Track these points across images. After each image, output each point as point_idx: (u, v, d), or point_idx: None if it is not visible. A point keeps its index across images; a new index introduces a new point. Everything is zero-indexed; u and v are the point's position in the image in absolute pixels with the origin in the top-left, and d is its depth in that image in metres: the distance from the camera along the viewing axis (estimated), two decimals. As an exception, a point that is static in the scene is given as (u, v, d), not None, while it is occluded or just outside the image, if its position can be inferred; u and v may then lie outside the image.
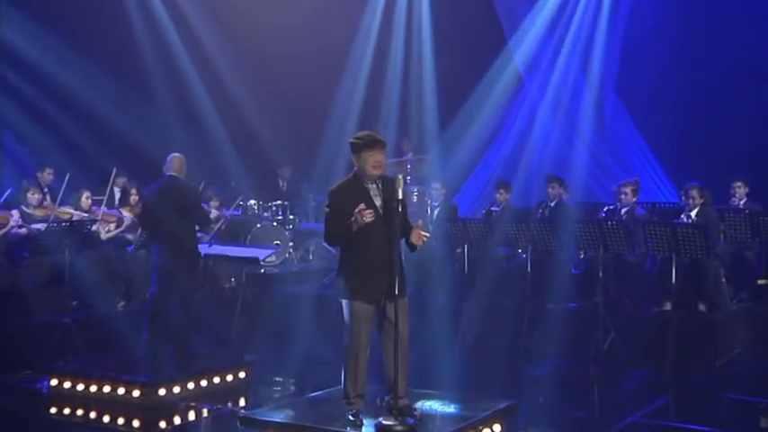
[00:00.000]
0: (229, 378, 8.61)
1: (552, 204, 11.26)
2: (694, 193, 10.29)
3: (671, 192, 13.90)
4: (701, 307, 10.08)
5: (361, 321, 6.37)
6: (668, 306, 10.01)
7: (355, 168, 6.50)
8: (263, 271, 12.45)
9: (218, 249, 9.85)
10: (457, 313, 10.60)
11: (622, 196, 10.65)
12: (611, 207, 10.90)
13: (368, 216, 6.14)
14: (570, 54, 14.25)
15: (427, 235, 6.40)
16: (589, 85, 14.28)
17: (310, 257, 13.92)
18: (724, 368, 9.56)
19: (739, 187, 11.27)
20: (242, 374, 8.73)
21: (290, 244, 13.57)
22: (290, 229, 13.92)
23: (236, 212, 12.56)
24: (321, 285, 12.30)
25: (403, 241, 6.46)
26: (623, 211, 10.70)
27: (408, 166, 13.84)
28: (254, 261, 9.95)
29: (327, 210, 6.44)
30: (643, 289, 10.49)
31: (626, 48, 14.10)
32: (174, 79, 13.74)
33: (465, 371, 9.17)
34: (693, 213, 10.31)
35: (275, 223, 13.79)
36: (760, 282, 10.72)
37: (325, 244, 7.10)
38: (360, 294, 6.35)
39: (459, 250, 11.19)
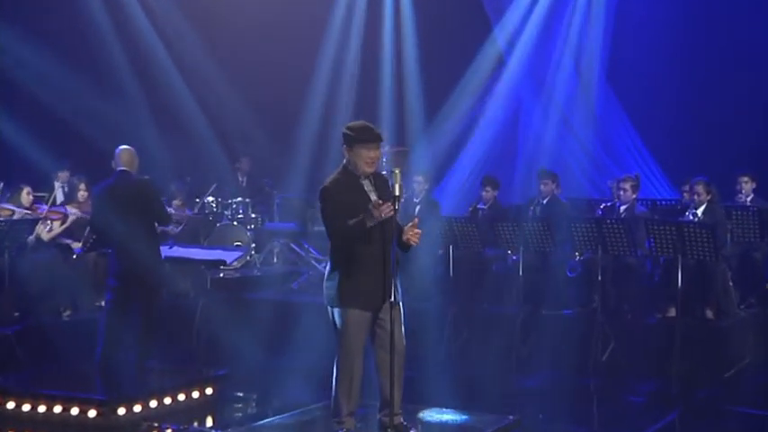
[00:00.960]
0: (195, 395, 8.47)
1: (545, 201, 11.24)
2: (700, 188, 10.31)
3: (665, 188, 13.99)
4: (708, 313, 10.12)
5: (357, 330, 6.31)
6: (672, 312, 10.03)
7: (345, 161, 6.43)
8: (222, 275, 12.32)
9: (179, 252, 9.72)
10: (441, 320, 10.54)
11: (621, 192, 10.64)
12: (609, 204, 10.90)
13: (386, 210, 6.05)
14: (558, 39, 14.28)
15: (420, 233, 6.34)
16: (578, 73, 14.30)
17: (275, 260, 13.84)
18: (733, 380, 9.60)
19: (746, 182, 11.30)
20: (209, 391, 8.60)
21: (253, 246, 13.47)
22: (251, 230, 13.82)
23: (188, 212, 12.42)
24: (288, 291, 12.28)
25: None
26: (622, 208, 10.69)
27: (383, 159, 13.75)
28: (220, 264, 9.82)
29: (325, 206, 6.32)
30: (645, 294, 10.54)
31: (618, 34, 14.14)
32: (128, 63, 13.72)
33: (452, 383, 9.13)
34: (700, 211, 10.34)
35: (235, 223, 13.69)
36: (770, 285, 10.83)
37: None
38: (355, 301, 6.29)
39: (441, 251, 11.16)
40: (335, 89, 14.58)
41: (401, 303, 6.40)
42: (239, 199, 14.14)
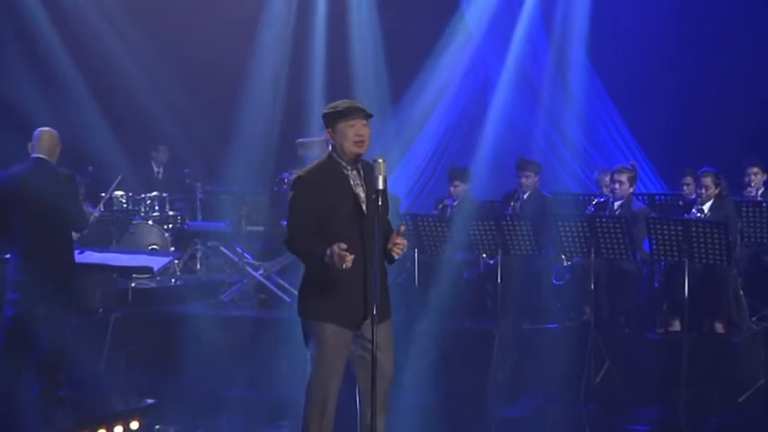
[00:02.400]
0: (118, 430, 8.25)
1: (525, 196, 11.19)
2: (708, 181, 10.27)
3: (654, 181, 13.98)
4: (718, 327, 10.08)
5: (332, 350, 6.18)
6: (677, 326, 10.04)
7: (329, 148, 6.29)
8: (134, 285, 12.05)
9: (93, 258, 9.38)
10: (405, 338, 10.27)
11: (617, 186, 10.56)
12: (602, 200, 10.85)
13: (348, 262, 5.93)
14: (533, 13, 14.23)
15: (406, 244, 6.24)
16: (556, 52, 14.26)
17: (198, 267, 13.69)
18: (747, 405, 9.59)
19: (756, 174, 11.38)
20: (134, 425, 8.37)
21: (171, 249, 13.26)
22: (169, 230, 13.63)
23: (91, 208, 12.10)
24: (218, 303, 12.14)
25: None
26: (616, 204, 10.63)
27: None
28: (146, 272, 9.55)
29: (293, 201, 6.21)
30: (644, 305, 10.54)
31: (600, 7, 14.08)
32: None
33: (418, 414, 9.01)
34: (706, 207, 10.32)
35: (150, 222, 13.47)
36: (785, 294, 10.83)
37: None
38: (334, 315, 6.15)
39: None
40: (286, 68, 14.54)
41: (391, 320, 6.33)
42: (154, 193, 13.95)
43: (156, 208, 13.81)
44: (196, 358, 10.29)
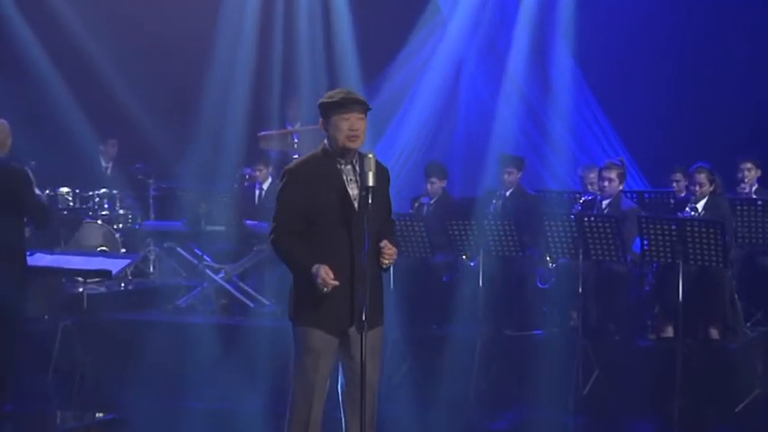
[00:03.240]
0: None
1: (508, 194, 11.21)
2: (703, 177, 10.29)
3: (637, 179, 14.01)
4: (713, 333, 10.14)
5: (318, 357, 6.20)
6: (670, 332, 10.08)
7: (325, 141, 6.30)
8: (80, 290, 11.91)
9: (45, 260, 9.25)
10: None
11: (605, 183, 10.57)
12: (589, 197, 10.87)
13: (329, 286, 6.06)
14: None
15: (396, 252, 6.31)
16: (532, 37, 14.29)
17: (151, 270, 13.61)
18: (744, 415, 9.57)
19: (749, 170, 11.36)
20: None
21: (122, 251, 13.14)
22: (120, 230, 13.54)
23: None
24: (175, 310, 12.09)
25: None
26: (605, 202, 10.66)
27: (295, 140, 13.54)
28: (104, 276, 9.47)
29: (280, 195, 6.24)
30: (636, 309, 10.57)
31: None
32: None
33: (396, 424, 9.01)
34: (701, 205, 10.33)
35: (99, 221, 13.39)
36: (780, 298, 10.89)
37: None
38: (319, 320, 6.17)
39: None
40: (248, 57, 14.46)
41: (382, 327, 6.39)
42: (103, 190, 13.84)
43: (105, 206, 13.71)
44: (155, 369, 10.23)
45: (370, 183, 6.04)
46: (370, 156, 6.09)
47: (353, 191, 6.18)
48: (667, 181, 12.08)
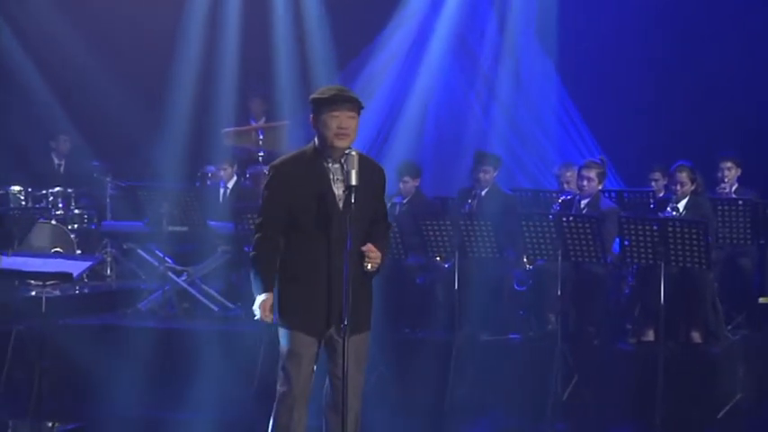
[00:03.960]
0: None
1: (483, 193, 11.27)
2: (684, 176, 10.44)
3: (611, 179, 14.06)
4: (695, 337, 10.26)
5: (299, 360, 6.29)
6: (651, 336, 10.18)
7: (315, 139, 6.40)
8: (33, 294, 11.94)
9: (2, 262, 9.25)
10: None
11: (585, 182, 10.65)
12: (568, 197, 10.97)
13: (266, 318, 6.32)
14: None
15: (380, 257, 6.33)
16: (502, 29, 14.40)
17: (108, 272, 13.56)
18: (726, 421, 9.73)
19: (729, 169, 11.48)
20: None
21: (77, 252, 13.10)
22: (75, 231, 13.50)
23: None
24: (135, 314, 12.06)
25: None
26: (584, 202, 10.76)
27: (260, 137, 13.56)
28: (65, 279, 9.45)
29: (263, 195, 6.37)
30: (616, 312, 10.68)
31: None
32: None
33: None
34: (682, 205, 10.48)
35: (54, 221, 13.32)
36: (762, 300, 10.97)
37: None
38: (298, 321, 6.27)
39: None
40: (213, 49, 14.46)
41: (368, 333, 6.47)
42: (57, 189, 13.79)
43: (60, 205, 13.66)
44: (118, 376, 10.24)
45: (354, 182, 6.11)
46: (354, 153, 6.17)
47: (339, 190, 6.25)
48: (645, 180, 12.22)
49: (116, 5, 14.54)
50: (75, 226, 13.62)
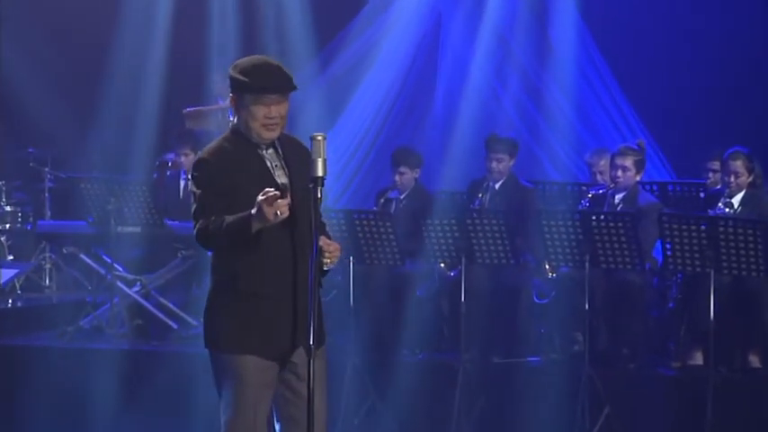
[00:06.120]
0: None
1: (497, 186, 11.29)
2: (739, 165, 10.44)
3: (660, 169, 14.11)
4: (753, 360, 10.25)
5: (256, 390, 6.25)
6: (699, 359, 10.23)
7: (233, 120, 6.41)
8: None
9: None
10: (337, 374, 10.27)
11: (619, 172, 10.68)
12: (599, 191, 10.98)
13: (283, 208, 5.97)
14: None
15: (339, 249, 6.35)
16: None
17: (47, 282, 13.68)
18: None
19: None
20: None
21: (10, 258, 13.20)
22: (6, 232, 13.69)
23: None
24: (77, 333, 12.03)
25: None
26: (618, 197, 10.80)
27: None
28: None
29: (194, 194, 6.29)
30: (656, 330, 10.75)
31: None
32: None
33: None
34: (737, 200, 10.48)
35: None
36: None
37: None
38: (255, 344, 6.22)
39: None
40: (173, 15, 14.54)
41: (324, 347, 6.40)
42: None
43: (-13, 202, 13.85)
44: (53, 406, 10.38)
45: (320, 173, 6.06)
46: (320, 137, 6.09)
47: (282, 180, 6.24)
48: (700, 170, 12.22)
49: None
50: (8, 226, 13.79)
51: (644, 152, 11.01)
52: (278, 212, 5.96)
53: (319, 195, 6.10)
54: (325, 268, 6.28)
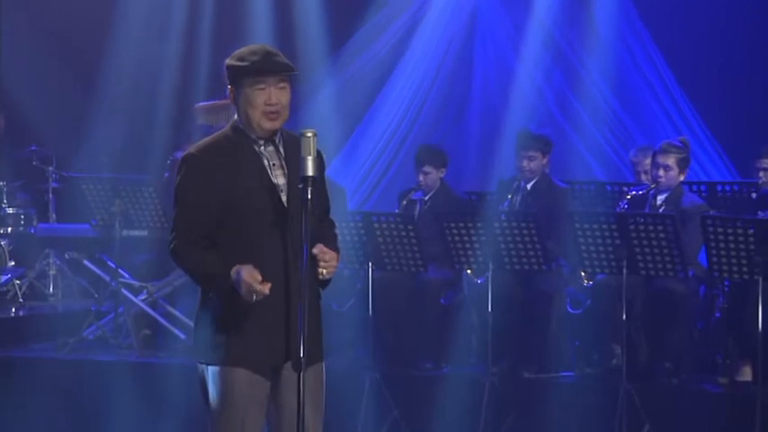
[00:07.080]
0: None
1: (530, 186, 11.31)
2: (788, 162, 10.48)
3: (720, 166, 14.07)
4: (806, 377, 10.26)
5: (246, 406, 6.26)
6: (747, 375, 10.22)
7: (234, 116, 6.37)
8: None
9: None
10: (355, 389, 10.50)
11: (661, 171, 10.68)
12: (640, 191, 10.95)
13: (262, 293, 6.06)
14: None
15: (336, 258, 6.30)
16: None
17: (51, 290, 13.73)
18: None
19: None
20: None
21: (11, 264, 13.34)
22: (7, 236, 13.74)
23: None
24: (80, 343, 12.08)
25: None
26: (660, 198, 10.80)
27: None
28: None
29: (177, 193, 6.27)
30: (701, 343, 10.70)
31: None
32: None
33: None
34: (788, 201, 10.49)
35: None
36: None
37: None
38: (246, 357, 6.23)
39: (349, 272, 11.14)
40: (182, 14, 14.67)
41: (323, 363, 6.42)
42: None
43: (-13, 204, 13.90)
44: (55, 422, 10.53)
45: (310, 172, 6.05)
46: (309, 134, 6.08)
47: (279, 180, 6.24)
48: (756, 168, 12.17)
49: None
50: (9, 230, 13.81)
51: (688, 149, 10.94)
52: (253, 296, 6.05)
53: (309, 196, 6.04)
54: (321, 278, 6.26)
